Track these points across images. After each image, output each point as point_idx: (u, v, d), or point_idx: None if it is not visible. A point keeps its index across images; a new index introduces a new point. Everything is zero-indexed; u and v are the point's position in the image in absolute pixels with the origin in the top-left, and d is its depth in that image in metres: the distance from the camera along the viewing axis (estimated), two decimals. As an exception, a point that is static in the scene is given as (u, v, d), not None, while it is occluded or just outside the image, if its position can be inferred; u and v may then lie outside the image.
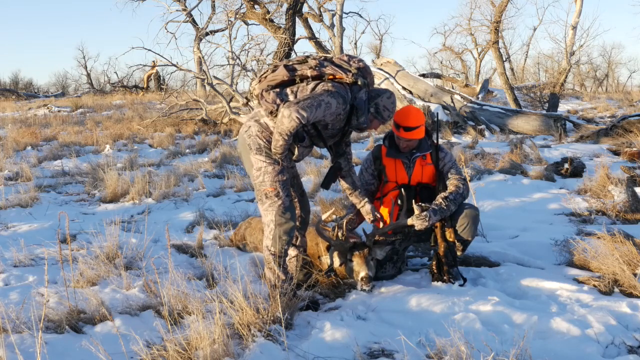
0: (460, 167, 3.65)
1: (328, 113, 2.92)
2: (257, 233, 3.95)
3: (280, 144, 2.91)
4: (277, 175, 3.03)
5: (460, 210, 3.40)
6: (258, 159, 3.05)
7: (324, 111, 2.89)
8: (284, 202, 3.04)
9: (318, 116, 2.89)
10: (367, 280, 3.16)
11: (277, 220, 3.04)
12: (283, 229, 3.04)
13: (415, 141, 3.50)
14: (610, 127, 9.80)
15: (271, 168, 3.03)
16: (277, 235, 3.04)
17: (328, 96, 2.90)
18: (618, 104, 18.56)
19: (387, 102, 3.14)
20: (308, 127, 3.05)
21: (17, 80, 33.98)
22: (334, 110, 2.93)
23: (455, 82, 23.85)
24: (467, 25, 26.52)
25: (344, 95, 2.98)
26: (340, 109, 2.98)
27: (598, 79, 34.86)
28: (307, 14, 19.79)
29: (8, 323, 2.51)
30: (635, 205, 4.75)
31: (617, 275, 3.12)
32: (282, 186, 3.04)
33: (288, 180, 3.11)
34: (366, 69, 3.11)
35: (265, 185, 3.04)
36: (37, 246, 4.12)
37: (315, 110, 2.86)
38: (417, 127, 3.39)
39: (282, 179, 3.04)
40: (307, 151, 3.23)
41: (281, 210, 3.04)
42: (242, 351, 2.44)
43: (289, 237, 3.07)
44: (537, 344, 2.44)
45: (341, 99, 2.95)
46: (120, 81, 28.05)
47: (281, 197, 3.04)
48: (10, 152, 9.03)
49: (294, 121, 2.83)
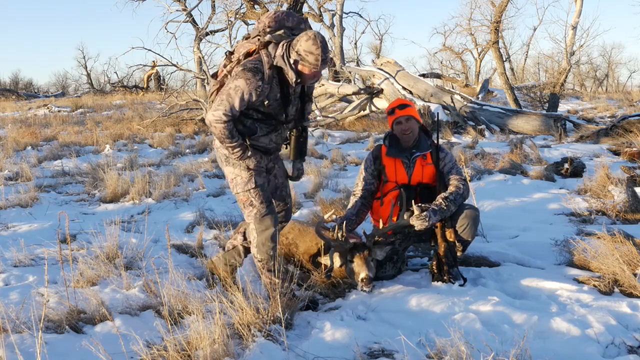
0: (460, 167, 3.65)
1: (246, 93, 2.81)
2: (257, 233, 3.95)
3: (230, 149, 2.92)
4: (246, 184, 3.02)
5: (461, 210, 3.40)
6: (228, 170, 3.07)
7: (239, 95, 2.80)
8: (259, 209, 3.03)
9: (237, 103, 2.82)
10: (368, 281, 3.15)
11: (257, 228, 3.05)
12: (264, 236, 3.04)
13: (413, 123, 3.52)
14: (610, 127, 9.80)
15: (239, 178, 3.03)
16: (260, 242, 3.05)
17: (234, 81, 2.83)
18: (618, 104, 18.55)
19: (307, 45, 2.78)
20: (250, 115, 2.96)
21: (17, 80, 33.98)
22: (249, 87, 2.80)
23: (455, 82, 23.84)
24: (467, 25, 26.52)
25: (253, 66, 2.84)
26: (257, 81, 2.81)
27: (598, 79, 34.85)
28: (307, 14, 19.79)
29: (8, 323, 2.51)
30: (635, 205, 4.75)
31: (617, 275, 3.12)
32: (254, 194, 3.03)
33: (262, 185, 3.08)
34: (283, 17, 2.95)
35: (239, 195, 3.06)
36: (37, 246, 4.12)
37: (227, 101, 2.81)
38: (409, 105, 3.59)
39: (251, 187, 3.02)
40: (276, 136, 3.11)
41: (258, 218, 3.04)
42: (242, 351, 2.45)
43: (273, 242, 3.06)
44: (537, 344, 2.44)
45: (250, 73, 2.81)
46: (120, 81, 28.06)
47: (255, 206, 3.03)
48: (10, 152, 9.03)
49: (218, 123, 2.84)
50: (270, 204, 3.10)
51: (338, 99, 13.47)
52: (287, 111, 3.04)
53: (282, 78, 2.92)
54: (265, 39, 2.91)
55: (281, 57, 2.85)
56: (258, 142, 3.05)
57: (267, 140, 3.08)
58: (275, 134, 3.09)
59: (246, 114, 2.96)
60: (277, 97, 2.95)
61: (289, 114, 3.06)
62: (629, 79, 35.74)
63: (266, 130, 3.05)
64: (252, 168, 3.04)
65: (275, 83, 2.91)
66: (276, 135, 3.10)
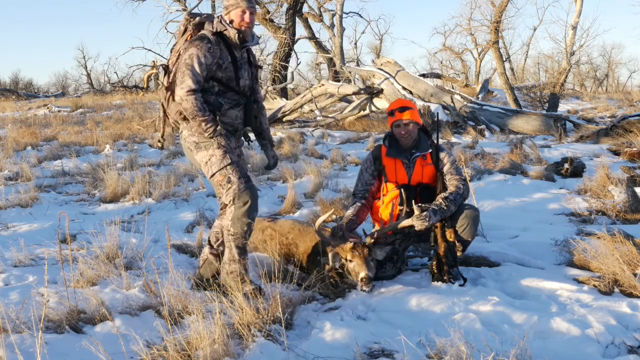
0: (460, 167, 3.65)
1: (201, 56, 2.95)
2: (257, 233, 3.95)
3: (204, 125, 2.97)
4: (221, 161, 3.04)
5: (461, 210, 3.40)
6: (200, 155, 3.09)
7: (196, 60, 2.94)
8: (238, 184, 3.04)
9: (197, 67, 2.94)
10: (367, 281, 3.15)
11: (235, 203, 3.04)
12: (242, 210, 3.04)
13: (413, 126, 3.50)
14: (610, 127, 9.80)
15: (214, 158, 3.05)
16: (236, 216, 3.05)
17: (185, 53, 2.98)
18: (618, 104, 18.56)
19: None
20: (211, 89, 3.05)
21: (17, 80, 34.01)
22: (202, 51, 2.95)
23: (455, 82, 23.85)
24: (467, 25, 26.53)
25: (198, 36, 3.03)
26: (206, 44, 2.99)
27: (598, 79, 34.87)
28: (307, 14, 19.80)
29: (8, 323, 2.51)
30: (635, 205, 4.75)
31: (617, 275, 3.12)
32: (231, 170, 3.04)
33: (237, 161, 3.10)
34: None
35: (215, 176, 3.06)
36: (37, 246, 4.12)
37: (191, 69, 2.93)
38: (409, 107, 3.54)
39: (227, 163, 3.04)
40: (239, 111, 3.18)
41: (237, 193, 3.04)
42: (242, 351, 2.44)
43: (249, 218, 3.07)
44: (537, 344, 2.44)
45: (197, 41, 3.00)
46: (120, 81, 28.08)
47: (233, 182, 3.04)
48: (10, 152, 9.02)
49: (189, 95, 2.93)
50: (248, 179, 3.10)
51: (338, 99, 13.46)
52: (238, 75, 3.12)
53: (227, 43, 3.08)
54: (196, 21, 3.11)
55: (219, 22, 3.08)
56: (225, 117, 3.12)
57: (233, 115, 3.15)
58: (237, 109, 3.17)
59: (207, 90, 3.05)
60: (229, 59, 3.08)
61: (241, 79, 3.14)
62: (629, 79, 35.80)
63: (229, 104, 3.12)
64: (224, 145, 3.06)
65: (223, 46, 3.06)
66: (239, 110, 3.17)
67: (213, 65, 3.01)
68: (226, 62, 3.06)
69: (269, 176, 7.27)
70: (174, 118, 3.19)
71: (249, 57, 3.26)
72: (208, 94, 3.06)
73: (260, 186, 6.61)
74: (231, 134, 3.18)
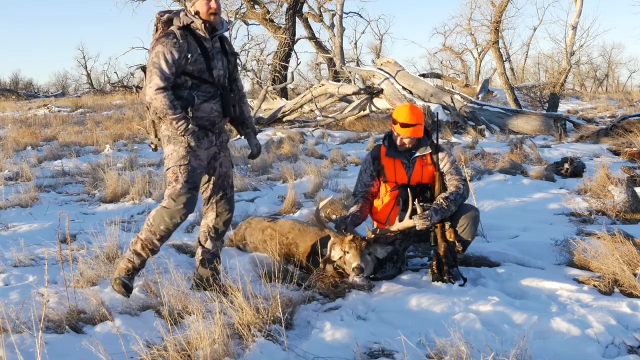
0: (460, 167, 3.65)
1: (167, 53, 2.93)
2: (257, 233, 3.95)
3: (174, 123, 2.95)
4: (179, 159, 3.04)
5: (461, 210, 3.40)
6: (168, 148, 3.09)
7: (162, 58, 2.93)
8: (182, 187, 3.03)
9: (164, 65, 2.92)
10: (359, 270, 3.17)
11: (168, 202, 3.05)
12: (170, 211, 3.04)
13: (412, 140, 3.49)
14: (610, 127, 9.80)
15: (175, 154, 3.05)
16: (161, 213, 3.06)
17: (152, 52, 2.98)
18: (618, 104, 18.56)
19: None
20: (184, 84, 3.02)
21: (17, 80, 34.01)
22: (168, 47, 2.94)
23: (455, 82, 23.85)
24: (467, 25, 26.52)
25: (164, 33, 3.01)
26: (172, 40, 2.97)
27: (598, 79, 34.87)
28: (307, 14, 19.79)
29: (8, 323, 2.51)
30: (635, 205, 4.75)
31: (617, 275, 3.12)
32: (183, 171, 3.03)
33: (195, 168, 3.08)
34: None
35: (169, 171, 3.07)
36: (37, 246, 4.12)
37: (158, 67, 2.92)
38: (414, 125, 3.41)
39: (183, 163, 3.03)
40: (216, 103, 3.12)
41: (175, 194, 3.03)
42: (242, 351, 2.44)
43: (172, 223, 3.06)
44: (537, 344, 2.44)
45: (163, 38, 2.99)
46: (120, 81, 28.05)
47: (179, 182, 3.03)
48: (10, 152, 9.03)
49: (158, 93, 2.91)
50: (192, 188, 3.08)
51: (338, 99, 13.46)
52: (211, 66, 3.08)
53: (195, 35, 3.05)
54: (164, 18, 3.08)
55: (185, 15, 3.04)
56: (200, 112, 3.07)
57: (209, 108, 3.10)
58: (213, 101, 3.12)
59: (181, 85, 3.02)
60: (198, 51, 3.04)
61: (214, 70, 3.09)
62: (629, 79, 35.79)
63: (203, 98, 3.08)
64: (192, 147, 3.04)
65: (191, 39, 3.03)
66: (215, 103, 3.12)
67: (182, 60, 2.98)
68: (195, 55, 3.02)
69: (269, 176, 7.28)
70: (151, 117, 3.16)
71: (222, 45, 3.21)
72: (181, 89, 3.03)
73: (260, 186, 6.61)
74: (208, 130, 3.14)
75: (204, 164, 3.15)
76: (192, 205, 3.12)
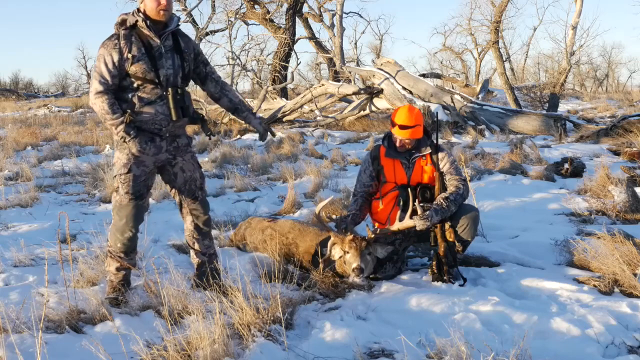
0: (460, 167, 3.65)
1: (106, 56, 2.88)
2: (257, 233, 3.95)
3: (114, 128, 2.91)
4: (120, 167, 2.99)
5: (461, 210, 3.40)
6: (116, 154, 3.05)
7: (102, 61, 2.88)
8: (121, 199, 3.00)
9: (103, 68, 2.88)
10: (359, 271, 3.17)
11: (114, 219, 3.05)
12: (118, 225, 3.04)
13: (411, 141, 3.48)
14: (610, 127, 9.80)
15: (119, 162, 3.00)
16: (114, 229, 3.07)
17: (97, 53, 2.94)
18: (618, 104, 18.56)
19: None
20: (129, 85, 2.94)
21: (17, 80, 34.04)
22: (107, 50, 2.89)
23: (455, 82, 23.86)
24: (467, 25, 26.54)
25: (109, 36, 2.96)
26: (112, 42, 2.91)
27: (598, 79, 34.88)
28: (307, 14, 19.79)
29: (8, 323, 2.51)
30: (635, 205, 4.75)
31: (617, 275, 3.12)
32: (123, 181, 2.98)
33: (138, 176, 3.00)
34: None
35: (114, 179, 3.05)
36: (37, 246, 4.12)
37: (98, 72, 2.89)
38: (412, 126, 3.40)
39: (123, 172, 2.98)
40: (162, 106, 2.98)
41: (117, 208, 3.02)
42: (242, 351, 2.44)
43: (124, 238, 3.05)
44: (537, 344, 2.44)
45: (106, 41, 2.94)
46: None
47: (120, 193, 3.00)
48: (10, 152, 9.03)
49: (97, 98, 2.88)
50: (135, 198, 3.02)
51: (338, 99, 13.46)
52: (157, 66, 2.95)
53: (142, 34, 2.96)
54: (118, 20, 3.00)
55: (132, 14, 2.98)
56: (144, 115, 2.95)
57: (153, 111, 2.96)
58: (159, 104, 2.97)
59: (126, 87, 2.94)
60: (142, 50, 2.93)
61: (161, 69, 2.96)
62: (629, 79, 35.83)
63: (147, 100, 2.95)
64: (135, 154, 2.97)
65: (136, 39, 2.95)
66: (161, 105, 2.98)
67: (123, 62, 2.90)
68: (139, 55, 2.92)
69: (269, 176, 7.28)
70: None
71: (175, 43, 3.06)
72: (127, 92, 2.94)
73: (260, 186, 6.61)
74: (155, 135, 3.02)
75: (149, 169, 3.06)
76: (139, 215, 3.07)
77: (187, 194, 3.22)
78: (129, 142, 2.93)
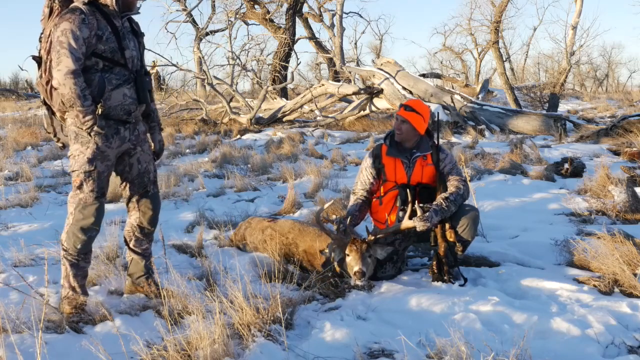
0: (460, 167, 3.65)
1: (76, 30, 2.62)
2: (257, 233, 3.95)
3: (82, 116, 2.65)
4: (84, 163, 2.76)
5: (461, 210, 3.40)
6: (74, 147, 2.79)
7: (71, 35, 2.60)
8: (86, 197, 2.79)
9: (74, 43, 2.60)
10: (360, 275, 3.16)
11: (75, 215, 2.82)
12: (78, 226, 2.82)
13: (409, 128, 3.48)
14: (610, 127, 9.79)
15: (81, 156, 2.76)
16: (71, 231, 2.83)
17: (57, 30, 2.64)
18: (618, 104, 18.56)
19: None
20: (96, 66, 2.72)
21: (17, 80, 34.00)
22: (76, 24, 2.62)
23: (455, 82, 23.86)
24: (467, 25, 26.55)
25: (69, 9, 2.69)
26: (79, 16, 2.65)
27: (598, 79, 34.89)
28: (307, 14, 19.80)
29: (8, 323, 2.51)
30: (635, 205, 4.74)
31: (617, 275, 3.11)
32: (87, 177, 2.78)
33: (102, 172, 2.82)
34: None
35: (74, 174, 2.80)
36: (37, 246, 4.11)
37: (67, 47, 2.60)
38: (417, 112, 3.44)
39: (88, 169, 2.77)
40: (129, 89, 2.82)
41: (81, 206, 2.80)
42: (242, 351, 2.44)
43: (86, 236, 2.84)
44: (537, 344, 2.44)
45: (69, 14, 2.66)
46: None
47: (84, 191, 2.79)
48: (10, 152, 9.03)
49: (68, 78, 2.60)
50: (100, 196, 2.85)
51: (338, 99, 13.47)
52: (122, 46, 2.79)
53: (103, 12, 2.76)
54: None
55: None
56: (113, 100, 2.77)
57: (121, 96, 2.79)
58: (127, 86, 2.82)
59: (91, 68, 2.72)
60: (109, 29, 2.74)
61: (126, 50, 2.81)
62: (629, 79, 35.84)
63: (116, 83, 2.78)
64: (100, 148, 2.77)
65: (99, 16, 2.73)
66: (129, 88, 2.83)
67: (92, 39, 2.67)
68: (107, 33, 2.72)
69: (269, 176, 7.28)
70: (60, 109, 2.79)
71: (131, 25, 2.93)
72: (92, 72, 2.72)
73: (260, 186, 6.61)
74: (121, 124, 2.85)
75: (111, 163, 2.89)
76: (102, 212, 2.90)
77: (139, 187, 3.05)
78: (94, 135, 2.74)
